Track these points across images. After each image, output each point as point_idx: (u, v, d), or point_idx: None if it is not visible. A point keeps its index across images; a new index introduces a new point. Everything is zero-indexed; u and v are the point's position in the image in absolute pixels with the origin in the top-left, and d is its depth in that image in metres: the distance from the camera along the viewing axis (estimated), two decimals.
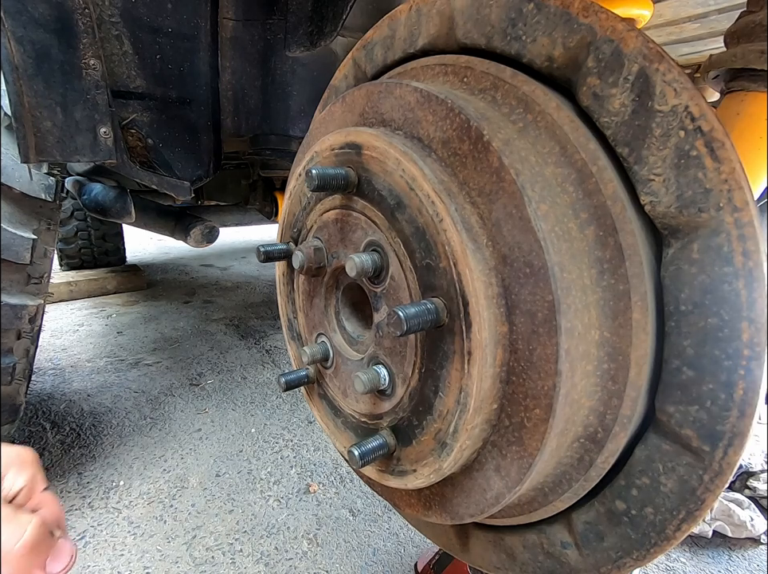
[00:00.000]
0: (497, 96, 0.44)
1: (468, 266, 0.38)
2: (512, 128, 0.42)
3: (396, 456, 0.49)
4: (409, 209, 0.42)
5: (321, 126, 0.58)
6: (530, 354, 0.38)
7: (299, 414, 2.45)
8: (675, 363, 0.39)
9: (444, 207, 0.39)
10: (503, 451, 0.42)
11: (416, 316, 0.38)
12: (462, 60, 0.48)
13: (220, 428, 2.28)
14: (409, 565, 1.68)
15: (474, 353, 0.38)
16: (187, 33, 1.33)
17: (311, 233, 0.54)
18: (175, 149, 1.44)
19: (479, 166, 0.40)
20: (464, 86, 0.47)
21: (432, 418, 0.44)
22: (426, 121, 0.43)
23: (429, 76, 0.51)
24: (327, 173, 0.45)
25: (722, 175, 0.36)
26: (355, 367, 0.52)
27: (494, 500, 0.43)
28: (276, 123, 1.59)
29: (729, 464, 0.37)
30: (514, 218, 0.37)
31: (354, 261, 0.43)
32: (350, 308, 0.55)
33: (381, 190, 0.44)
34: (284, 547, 1.69)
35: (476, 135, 0.39)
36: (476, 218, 0.40)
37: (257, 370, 2.82)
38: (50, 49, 1.13)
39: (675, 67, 0.37)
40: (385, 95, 0.47)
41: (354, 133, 0.46)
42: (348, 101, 0.53)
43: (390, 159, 0.43)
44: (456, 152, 0.41)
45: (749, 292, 0.36)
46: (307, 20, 1.39)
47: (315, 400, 0.61)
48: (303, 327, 0.60)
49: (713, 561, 1.82)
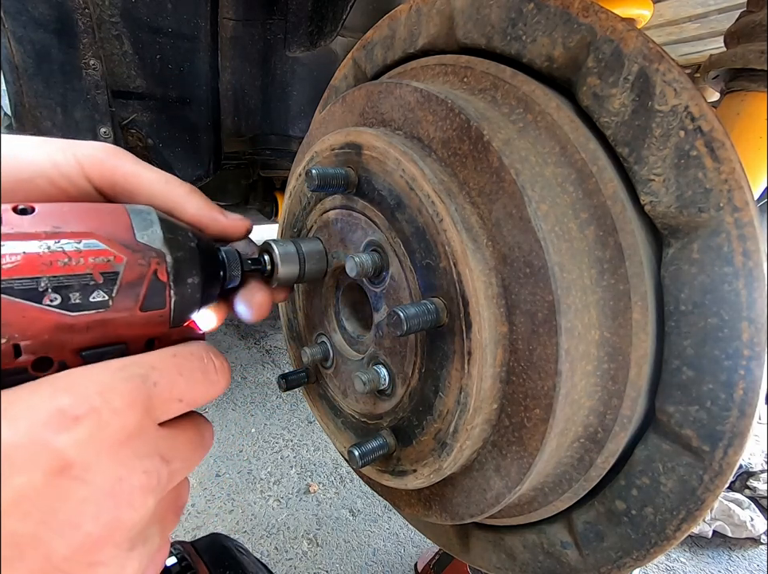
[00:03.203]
0: (497, 96, 0.44)
1: (468, 266, 0.38)
2: (512, 128, 0.42)
3: (396, 456, 0.49)
4: (409, 209, 0.42)
5: (321, 126, 0.58)
6: (530, 354, 0.38)
7: (299, 414, 2.45)
8: (675, 363, 0.39)
9: (444, 207, 0.39)
10: (503, 451, 0.42)
11: (416, 316, 0.38)
12: (462, 60, 0.48)
13: (220, 428, 2.29)
14: (409, 565, 1.68)
15: (474, 353, 0.38)
16: (187, 33, 1.33)
17: (311, 233, 0.54)
18: (175, 149, 1.44)
19: (479, 166, 0.39)
20: (464, 86, 0.47)
21: (432, 418, 0.44)
22: (426, 121, 0.43)
23: (429, 75, 0.51)
24: (327, 173, 0.45)
25: (722, 175, 0.36)
26: (355, 367, 0.52)
27: (494, 500, 0.43)
28: (276, 123, 1.59)
29: (729, 464, 0.37)
30: (514, 218, 0.37)
31: (354, 262, 0.43)
32: (350, 308, 0.55)
33: (381, 191, 0.44)
34: (283, 547, 1.69)
35: (476, 135, 0.39)
36: (476, 217, 0.40)
37: (257, 370, 2.82)
38: (50, 49, 1.13)
39: (675, 67, 0.37)
40: (386, 95, 0.47)
41: (354, 133, 0.46)
42: (348, 101, 0.52)
43: (390, 159, 0.43)
44: (456, 152, 0.41)
45: (749, 292, 0.36)
46: (307, 20, 1.39)
47: (315, 400, 0.61)
48: (303, 327, 0.60)
49: (713, 561, 1.83)
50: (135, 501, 0.29)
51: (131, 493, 0.29)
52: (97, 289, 0.30)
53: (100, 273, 0.30)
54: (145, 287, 0.32)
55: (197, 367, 0.35)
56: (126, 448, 0.29)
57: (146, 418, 0.30)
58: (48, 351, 0.30)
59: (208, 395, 0.35)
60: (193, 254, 0.36)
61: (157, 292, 0.33)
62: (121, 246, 0.31)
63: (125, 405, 0.29)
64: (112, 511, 0.28)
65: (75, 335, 0.31)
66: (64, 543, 0.27)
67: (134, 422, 0.29)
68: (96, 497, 0.28)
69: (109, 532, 0.28)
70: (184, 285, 0.35)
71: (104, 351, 0.32)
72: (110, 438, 0.28)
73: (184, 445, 0.34)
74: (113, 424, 0.28)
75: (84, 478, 0.27)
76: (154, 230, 0.33)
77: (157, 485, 0.31)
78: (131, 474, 0.29)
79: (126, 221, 0.33)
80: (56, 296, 0.29)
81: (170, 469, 0.32)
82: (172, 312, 0.34)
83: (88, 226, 0.31)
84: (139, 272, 0.32)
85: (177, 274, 0.34)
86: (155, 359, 0.33)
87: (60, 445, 0.26)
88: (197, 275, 0.36)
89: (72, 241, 0.30)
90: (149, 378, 0.31)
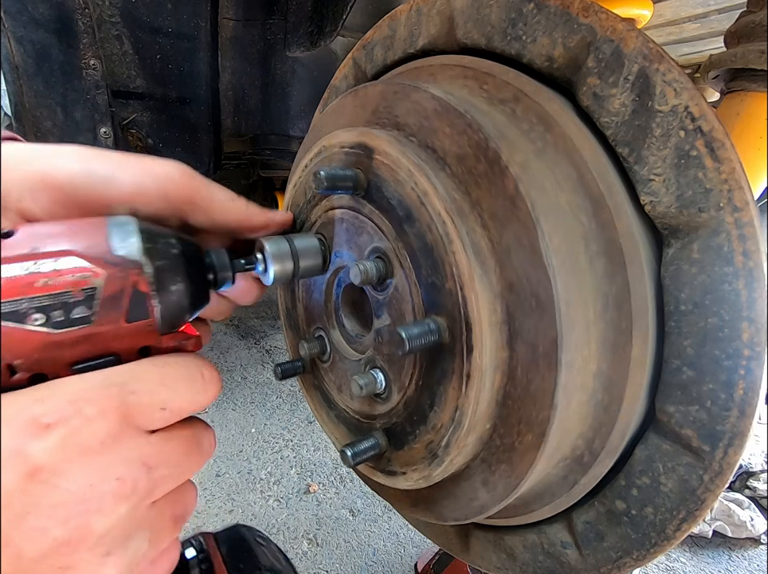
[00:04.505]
0: (517, 110, 0.43)
1: (474, 292, 0.37)
2: (531, 148, 0.40)
3: (387, 456, 0.49)
4: (418, 223, 0.41)
5: (331, 117, 0.56)
6: (527, 382, 0.38)
7: (299, 414, 2.45)
8: (675, 363, 0.39)
9: (455, 229, 0.38)
10: (492, 467, 0.42)
11: (418, 336, 0.38)
12: (484, 65, 0.47)
13: (220, 428, 2.29)
14: (409, 565, 1.68)
15: (473, 376, 0.38)
16: (187, 33, 1.33)
17: (314, 228, 0.53)
18: (175, 149, 1.44)
19: (494, 189, 0.38)
20: (483, 93, 0.46)
21: (425, 428, 0.44)
22: (443, 133, 0.41)
23: (447, 76, 0.49)
24: (335, 175, 0.44)
25: (722, 175, 0.36)
26: (352, 366, 0.51)
27: (479, 509, 0.44)
28: (276, 123, 1.60)
29: (729, 464, 0.37)
30: (525, 249, 0.36)
31: (358, 269, 0.42)
32: (350, 306, 0.55)
33: (390, 199, 0.43)
34: (284, 547, 1.69)
35: (494, 156, 0.37)
36: (485, 241, 0.39)
37: (257, 370, 2.82)
38: (50, 49, 1.13)
39: (675, 67, 0.37)
40: (402, 97, 0.45)
41: (366, 134, 0.45)
42: (361, 96, 0.50)
43: (403, 170, 0.41)
44: (471, 170, 0.40)
45: (749, 292, 0.36)
46: (307, 20, 1.39)
47: (309, 389, 0.61)
48: (302, 318, 0.59)
49: (713, 561, 1.83)
50: (105, 507, 0.30)
51: (102, 499, 0.29)
52: (79, 305, 0.31)
53: (80, 289, 0.31)
54: (127, 299, 0.33)
55: (182, 377, 0.35)
56: (100, 455, 0.30)
57: (125, 426, 0.31)
58: (41, 367, 0.31)
59: (194, 404, 0.35)
60: (176, 262, 0.36)
61: (140, 303, 0.33)
62: (99, 261, 0.32)
63: (97, 413, 0.29)
64: (81, 516, 0.29)
65: (64, 350, 0.31)
66: (32, 546, 0.28)
67: (107, 430, 0.30)
68: (66, 503, 0.28)
69: (78, 538, 0.29)
70: (168, 293, 0.35)
71: (96, 364, 0.33)
72: (81, 444, 0.29)
73: (174, 451, 0.34)
74: (84, 432, 0.29)
75: (55, 484, 0.28)
76: (133, 242, 0.33)
77: (132, 491, 0.31)
78: (103, 481, 0.30)
79: (103, 235, 0.33)
80: (39, 316, 0.30)
81: (154, 476, 0.32)
82: (159, 320, 0.35)
83: (65, 244, 0.31)
84: (119, 285, 0.32)
85: (159, 283, 0.34)
86: (138, 369, 0.33)
87: (31, 451, 0.27)
88: (182, 282, 0.36)
89: (50, 261, 0.30)
90: (127, 386, 0.31)
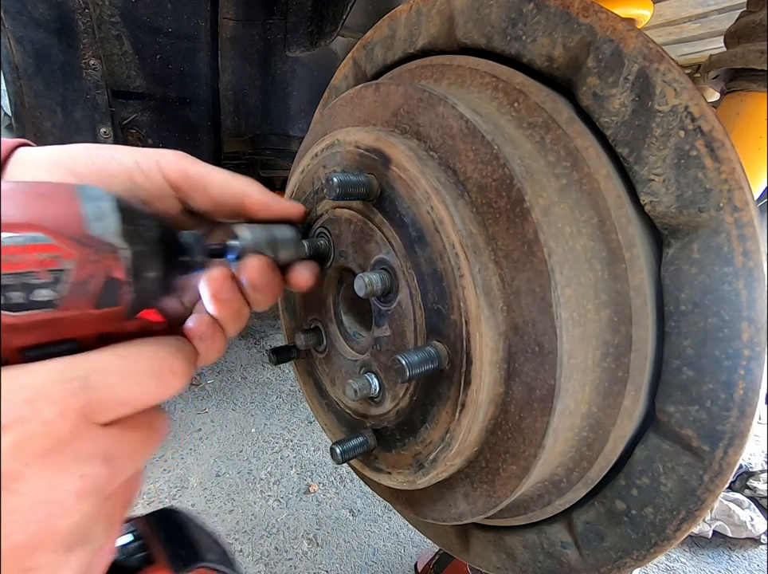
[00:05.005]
0: (546, 139, 0.41)
1: (479, 331, 0.37)
2: (555, 185, 0.39)
3: (375, 454, 0.50)
4: (430, 248, 0.40)
5: (347, 106, 0.53)
6: (519, 420, 0.38)
7: (299, 414, 2.45)
8: (675, 363, 0.39)
9: (468, 265, 0.37)
10: (474, 484, 0.43)
11: (419, 364, 0.38)
12: (517, 80, 0.45)
13: (220, 428, 2.29)
14: (409, 565, 1.68)
15: (467, 407, 0.38)
16: (187, 33, 1.33)
17: (320, 221, 0.52)
18: (175, 149, 1.44)
19: (512, 229, 0.37)
20: (512, 112, 0.44)
21: (414, 440, 0.44)
22: (466, 157, 0.40)
23: (476, 84, 0.47)
24: (349, 181, 0.42)
25: (722, 175, 0.36)
26: (348, 365, 0.51)
27: (457, 517, 0.45)
28: (276, 123, 1.59)
29: (729, 464, 0.37)
30: (536, 296, 0.36)
31: (363, 281, 0.41)
32: (350, 303, 0.55)
33: (403, 216, 0.42)
34: (283, 547, 1.69)
35: (517, 197, 0.36)
36: (496, 279, 0.38)
37: (257, 370, 2.82)
38: (50, 49, 1.13)
39: (675, 67, 0.37)
40: (426, 107, 0.43)
41: (384, 141, 0.43)
42: (383, 93, 0.48)
43: (420, 190, 0.40)
44: (491, 203, 0.38)
45: (749, 292, 0.36)
46: (307, 20, 1.39)
47: (303, 374, 0.61)
48: (300, 306, 0.59)
49: (713, 561, 1.83)
50: (68, 507, 0.29)
51: (65, 499, 0.28)
52: (43, 288, 0.28)
53: (47, 270, 0.28)
54: (99, 285, 0.29)
55: (146, 370, 0.33)
56: (59, 454, 0.28)
57: (84, 423, 0.29)
58: None
59: (157, 396, 0.33)
60: (155, 247, 0.33)
61: (112, 290, 0.30)
62: (70, 241, 0.28)
63: (56, 413, 0.28)
64: (43, 519, 0.28)
65: (18, 335, 0.28)
66: None
67: (67, 429, 0.28)
68: (26, 506, 0.27)
69: (40, 540, 0.28)
70: (143, 281, 0.32)
71: (52, 350, 0.30)
72: (39, 446, 0.27)
73: (131, 441, 0.33)
74: (42, 433, 0.27)
75: (13, 488, 0.27)
76: (110, 221, 0.30)
77: (95, 487, 0.30)
78: (64, 480, 0.28)
79: (76, 209, 0.29)
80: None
81: (114, 468, 0.31)
82: (130, 307, 0.32)
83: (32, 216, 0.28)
84: (91, 269, 0.29)
85: (136, 270, 0.31)
86: (100, 360, 0.31)
87: None
88: (159, 269, 0.33)
89: (14, 235, 0.27)
90: (89, 381, 0.29)
